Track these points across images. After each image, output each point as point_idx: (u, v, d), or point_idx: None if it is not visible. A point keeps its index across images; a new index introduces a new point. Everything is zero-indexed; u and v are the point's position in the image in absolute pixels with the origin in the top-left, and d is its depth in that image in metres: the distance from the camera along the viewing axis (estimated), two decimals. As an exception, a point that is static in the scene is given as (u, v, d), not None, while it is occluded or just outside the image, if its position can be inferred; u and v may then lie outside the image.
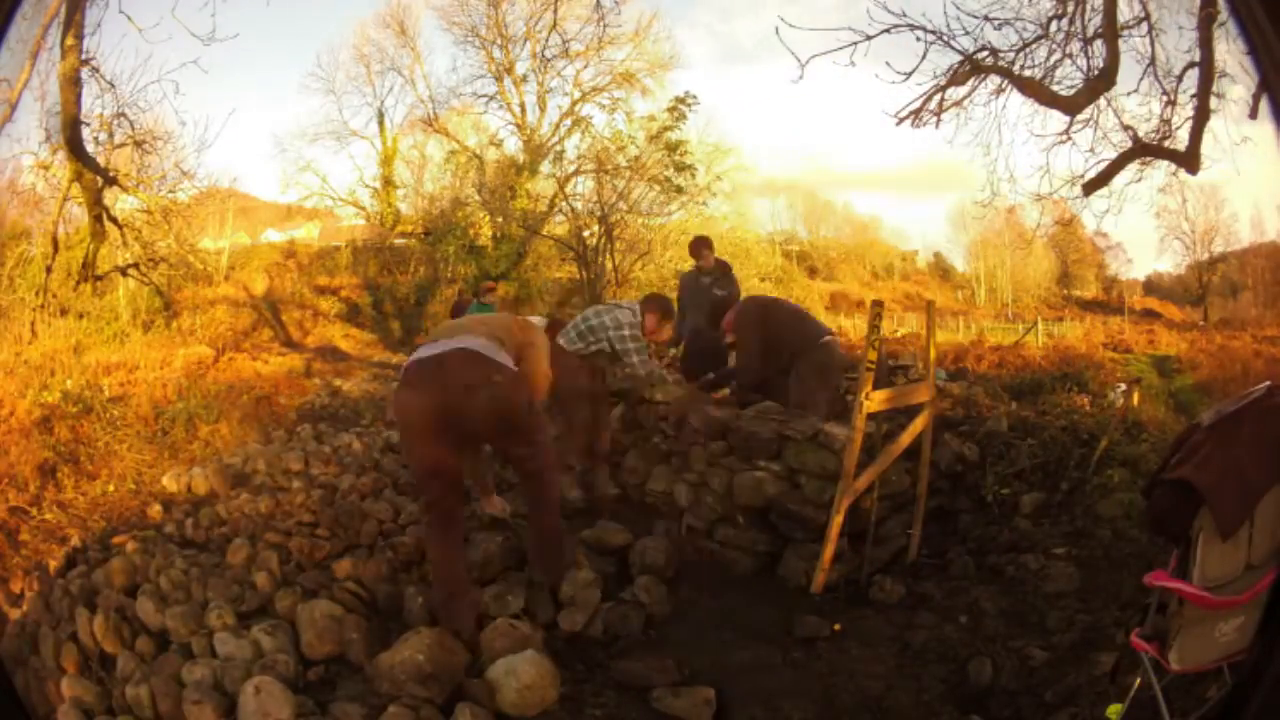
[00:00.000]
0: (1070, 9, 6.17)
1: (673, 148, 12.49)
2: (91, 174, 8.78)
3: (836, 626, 3.30)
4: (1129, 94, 6.28)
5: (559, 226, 14.39)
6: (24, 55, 7.52)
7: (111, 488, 5.90)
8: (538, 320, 7.14)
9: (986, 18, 6.14)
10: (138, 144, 9.15)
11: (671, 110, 12.62)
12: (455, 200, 15.07)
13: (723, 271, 6.06)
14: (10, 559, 4.83)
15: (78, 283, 9.63)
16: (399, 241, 16.05)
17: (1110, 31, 5.89)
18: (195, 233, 12.54)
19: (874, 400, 3.64)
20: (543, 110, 15.62)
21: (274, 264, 15.30)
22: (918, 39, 5.94)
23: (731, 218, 14.76)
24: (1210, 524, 1.93)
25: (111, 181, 9.07)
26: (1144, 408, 5.52)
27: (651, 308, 4.91)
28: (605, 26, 13.89)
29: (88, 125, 8.50)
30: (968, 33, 6.10)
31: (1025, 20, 6.27)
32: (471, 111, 16.01)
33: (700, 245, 6.16)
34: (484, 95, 15.84)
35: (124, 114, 8.79)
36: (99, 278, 9.86)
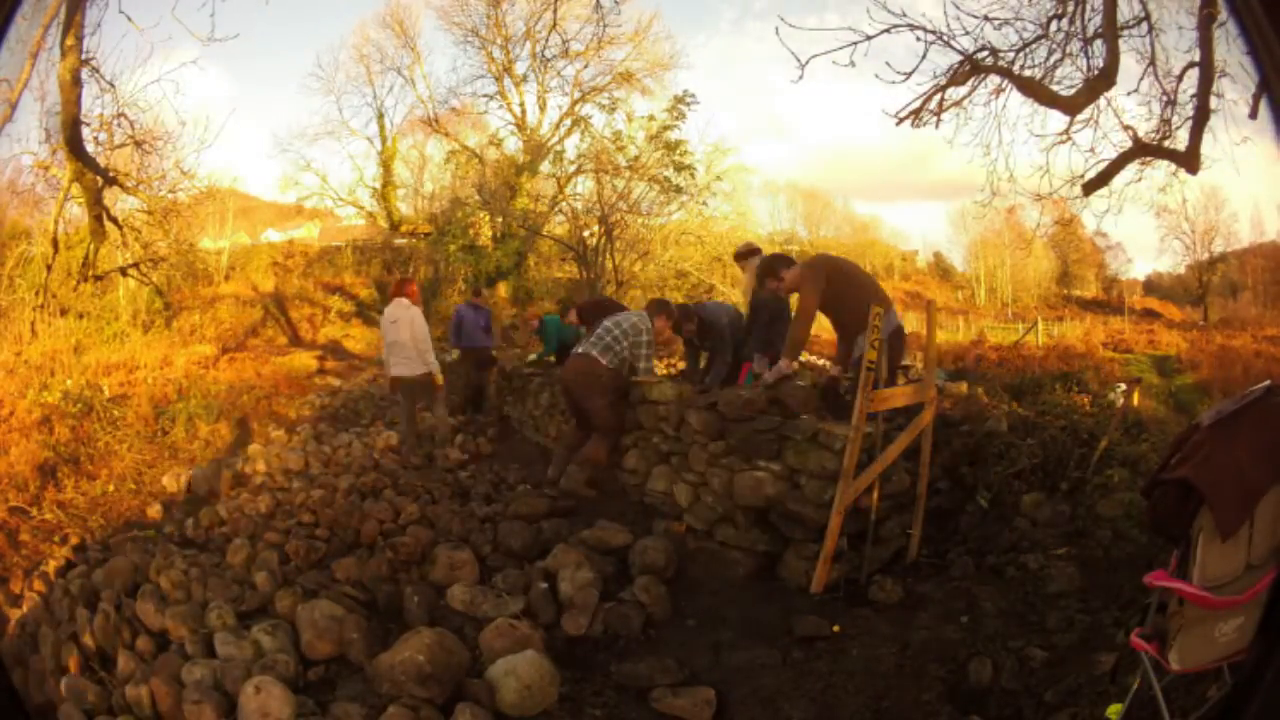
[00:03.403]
0: (1070, 9, 6.17)
1: (672, 147, 12.48)
2: (91, 174, 8.77)
3: (836, 627, 3.30)
4: (1129, 94, 6.27)
5: (559, 226, 14.38)
6: (24, 55, 7.52)
7: (111, 488, 5.90)
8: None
9: (986, 18, 6.13)
10: (138, 144, 9.14)
11: (671, 110, 12.60)
12: (455, 200, 15.07)
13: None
14: (10, 559, 4.84)
15: (78, 283, 9.63)
16: (399, 241, 16.06)
17: (1110, 31, 5.88)
18: (195, 233, 12.56)
19: (875, 400, 3.64)
20: (543, 110, 15.62)
21: (274, 264, 15.31)
22: (918, 39, 5.94)
23: (732, 218, 14.75)
24: (1210, 524, 1.92)
25: (111, 181, 9.06)
26: (1145, 405, 5.52)
27: (659, 312, 5.36)
28: (605, 26, 13.90)
29: (88, 125, 8.50)
30: (968, 33, 6.10)
31: (1025, 20, 6.26)
32: (471, 111, 16.02)
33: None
34: (484, 95, 15.85)
35: (124, 114, 8.79)
36: (99, 278, 9.86)
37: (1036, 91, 6.25)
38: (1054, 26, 6.21)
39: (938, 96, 6.22)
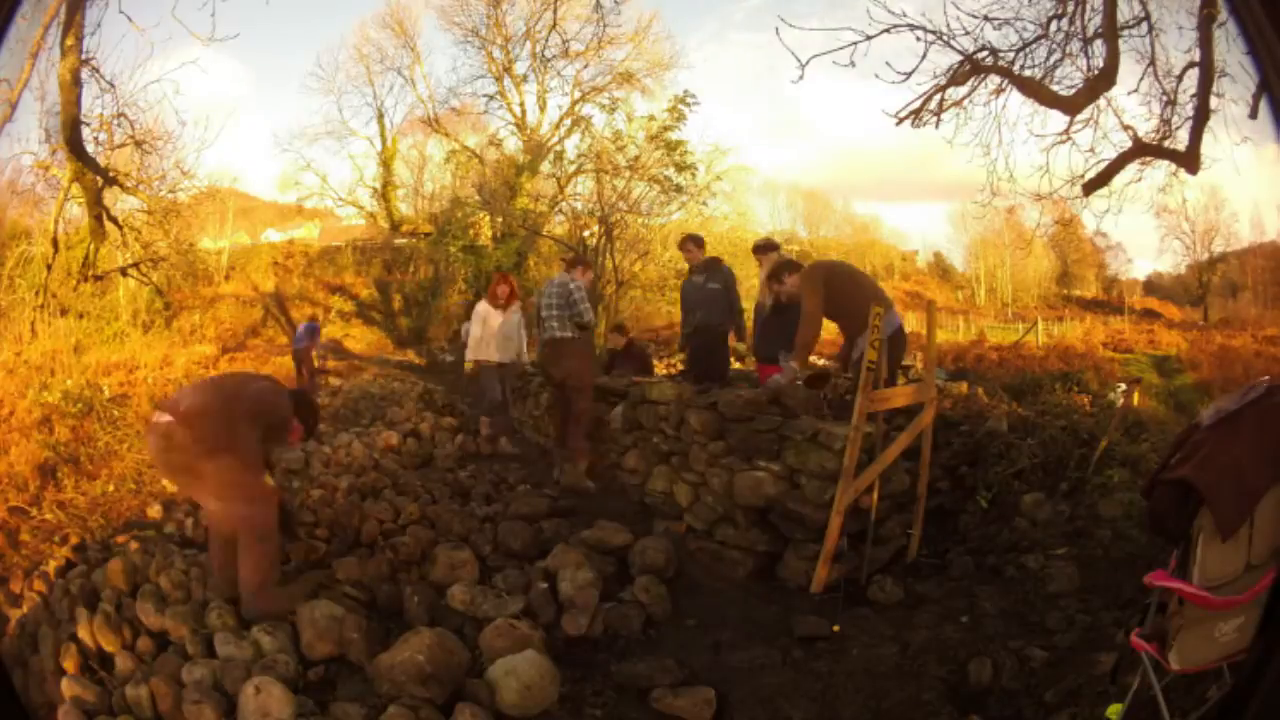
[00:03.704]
0: (1070, 9, 6.17)
1: (672, 147, 12.46)
2: (91, 174, 8.77)
3: (836, 627, 3.30)
4: (1129, 94, 6.28)
5: (559, 226, 14.38)
6: (24, 55, 7.51)
7: (111, 488, 5.89)
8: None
9: (986, 18, 6.14)
10: (138, 144, 9.14)
11: (671, 110, 12.59)
12: (455, 200, 15.06)
13: (713, 267, 6.11)
14: (10, 559, 4.83)
15: (78, 283, 9.62)
16: (400, 241, 16.06)
17: (1110, 31, 5.89)
18: (195, 233, 12.55)
19: (874, 400, 3.64)
20: (543, 110, 15.61)
21: (275, 264, 15.32)
22: (918, 39, 5.95)
23: (731, 218, 14.74)
24: (1210, 524, 1.92)
25: (111, 181, 9.06)
26: (1144, 405, 5.52)
27: (577, 263, 5.85)
28: (605, 26, 13.93)
29: (88, 125, 8.50)
30: (968, 33, 6.11)
31: (1025, 20, 6.27)
32: (471, 111, 16.01)
33: (686, 241, 6.29)
34: (484, 95, 15.83)
35: (124, 114, 8.80)
36: (99, 278, 9.85)
37: (1036, 91, 6.26)
38: (1054, 26, 6.22)
39: (938, 96, 6.22)
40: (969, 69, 6.20)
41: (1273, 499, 1.94)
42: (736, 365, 7.40)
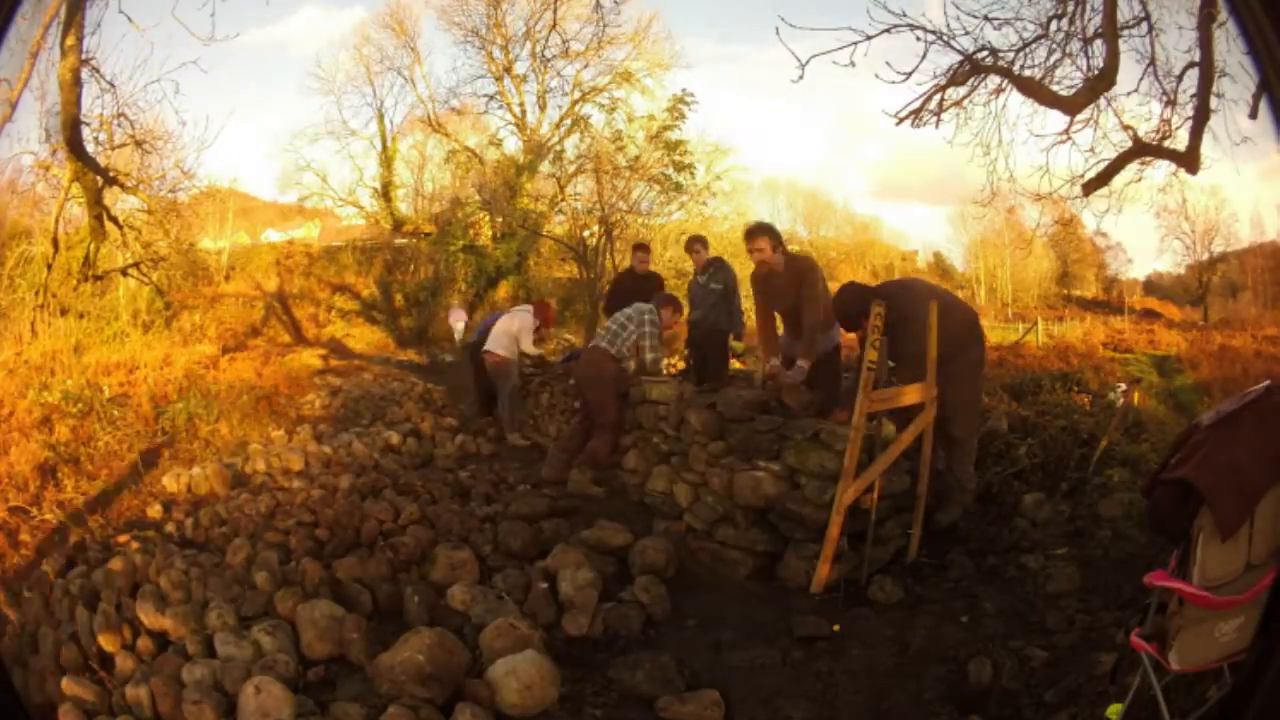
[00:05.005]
0: (1070, 9, 6.16)
1: (672, 147, 12.46)
2: (92, 174, 8.78)
3: (836, 627, 3.30)
4: (1129, 94, 6.26)
5: (559, 226, 14.38)
6: (24, 55, 7.52)
7: (112, 488, 5.89)
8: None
9: (986, 18, 6.13)
10: (138, 144, 9.15)
11: (671, 110, 12.58)
12: (455, 200, 15.08)
13: (716, 267, 6.18)
14: (10, 559, 4.83)
15: (78, 283, 9.62)
16: (400, 241, 16.08)
17: (1110, 31, 5.88)
18: (195, 233, 12.57)
19: (874, 400, 3.64)
20: (543, 110, 15.62)
21: (275, 263, 15.33)
22: (918, 39, 5.94)
23: (731, 217, 14.74)
24: (1210, 524, 1.92)
25: (111, 181, 9.07)
26: (1145, 405, 5.52)
27: (665, 303, 5.60)
28: (605, 26, 13.95)
29: (88, 125, 8.51)
30: (968, 33, 6.09)
31: (1025, 20, 6.26)
32: (471, 111, 16.01)
33: (693, 243, 6.39)
34: (484, 95, 15.84)
35: (124, 114, 8.81)
36: (99, 278, 9.86)
37: (1036, 91, 6.25)
38: (1054, 26, 6.21)
39: (938, 96, 6.22)
40: (969, 69, 6.20)
41: (1273, 499, 1.94)
42: (737, 365, 7.41)
